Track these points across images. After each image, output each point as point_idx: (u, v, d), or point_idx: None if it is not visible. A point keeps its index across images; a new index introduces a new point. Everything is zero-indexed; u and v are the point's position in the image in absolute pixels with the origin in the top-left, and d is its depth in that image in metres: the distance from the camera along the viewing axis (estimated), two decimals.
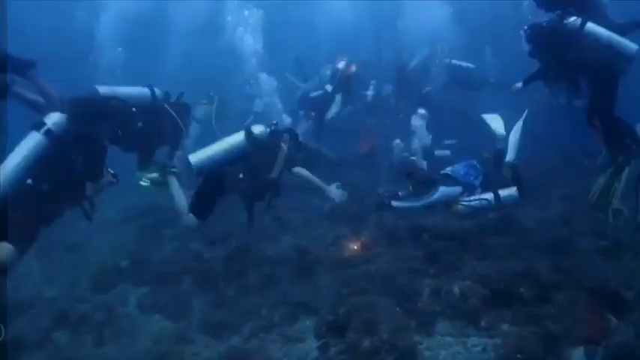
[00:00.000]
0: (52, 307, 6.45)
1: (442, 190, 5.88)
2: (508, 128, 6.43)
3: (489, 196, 5.84)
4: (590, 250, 5.84)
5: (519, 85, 5.69)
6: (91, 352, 5.51)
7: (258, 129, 5.30)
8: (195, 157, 5.13)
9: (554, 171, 9.26)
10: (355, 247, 6.76)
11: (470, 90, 10.89)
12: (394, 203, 6.03)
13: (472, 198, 5.87)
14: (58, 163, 4.11)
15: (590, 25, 5.01)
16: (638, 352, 4.22)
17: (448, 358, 4.59)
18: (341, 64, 10.68)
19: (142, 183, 5.35)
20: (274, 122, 5.49)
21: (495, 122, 6.42)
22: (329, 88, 10.42)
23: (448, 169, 6.22)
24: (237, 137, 5.27)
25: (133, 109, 4.91)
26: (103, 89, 4.74)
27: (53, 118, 4.15)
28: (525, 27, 5.44)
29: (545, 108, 9.33)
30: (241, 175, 5.20)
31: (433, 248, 6.11)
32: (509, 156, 6.08)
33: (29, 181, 3.92)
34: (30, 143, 3.99)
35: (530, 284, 5.01)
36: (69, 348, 5.56)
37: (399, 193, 6.40)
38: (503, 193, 5.87)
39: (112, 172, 4.71)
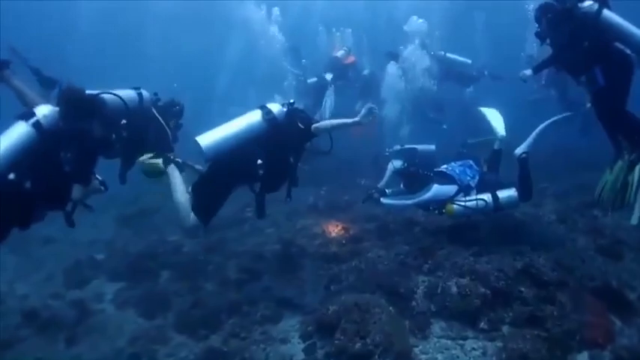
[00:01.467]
0: (23, 304, 6.05)
1: (435, 189, 5.46)
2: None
3: (487, 196, 5.41)
4: (588, 248, 5.53)
5: (528, 72, 5.25)
6: (62, 352, 5.12)
7: (275, 107, 4.56)
8: (205, 140, 4.20)
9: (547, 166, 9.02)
10: (337, 230, 6.44)
11: (464, 84, 10.63)
12: (383, 200, 5.64)
13: (468, 198, 5.44)
14: (45, 160, 3.59)
15: (608, 13, 4.67)
16: None
17: None
18: (339, 53, 10.42)
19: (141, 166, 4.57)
20: (291, 101, 4.70)
21: (496, 120, 6.02)
22: (329, 76, 10.15)
23: (443, 167, 5.80)
24: (253, 116, 4.47)
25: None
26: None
27: (44, 111, 3.63)
28: (534, 6, 5.06)
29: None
30: (260, 162, 4.36)
31: (425, 243, 5.78)
32: (522, 147, 5.58)
33: (11, 175, 3.40)
34: (16, 133, 3.49)
35: (531, 283, 4.69)
36: (39, 347, 5.15)
37: (387, 191, 6.02)
38: (502, 194, 5.42)
39: (99, 178, 4.19)
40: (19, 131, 3.50)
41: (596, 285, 4.72)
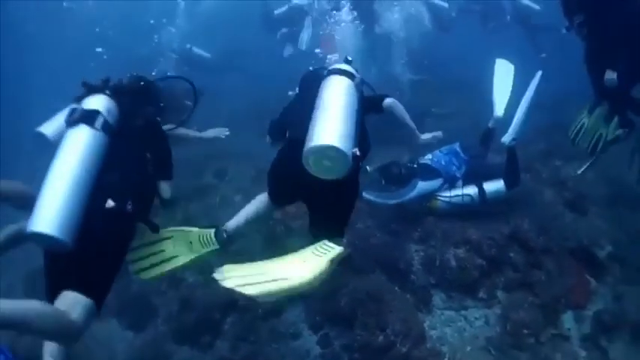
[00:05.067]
0: None
1: (419, 186, 5.22)
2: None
3: (473, 191, 5.27)
4: (556, 202, 5.74)
5: None
6: None
7: (348, 68, 3.41)
8: (335, 140, 2.82)
9: None
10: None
11: (530, 31, 9.91)
12: (365, 194, 5.27)
13: (453, 193, 5.29)
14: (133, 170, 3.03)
15: None
16: (621, 316, 4.44)
17: (455, 336, 4.51)
18: None
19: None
20: (349, 58, 3.54)
21: (502, 93, 5.63)
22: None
23: (427, 158, 5.50)
24: (339, 86, 3.24)
25: None
26: None
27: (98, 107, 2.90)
28: None
29: None
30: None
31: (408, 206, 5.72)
32: (509, 134, 5.27)
33: (110, 203, 2.72)
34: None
35: (519, 248, 4.96)
36: None
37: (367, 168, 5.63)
38: (489, 187, 5.29)
39: None
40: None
41: (571, 245, 5.04)
